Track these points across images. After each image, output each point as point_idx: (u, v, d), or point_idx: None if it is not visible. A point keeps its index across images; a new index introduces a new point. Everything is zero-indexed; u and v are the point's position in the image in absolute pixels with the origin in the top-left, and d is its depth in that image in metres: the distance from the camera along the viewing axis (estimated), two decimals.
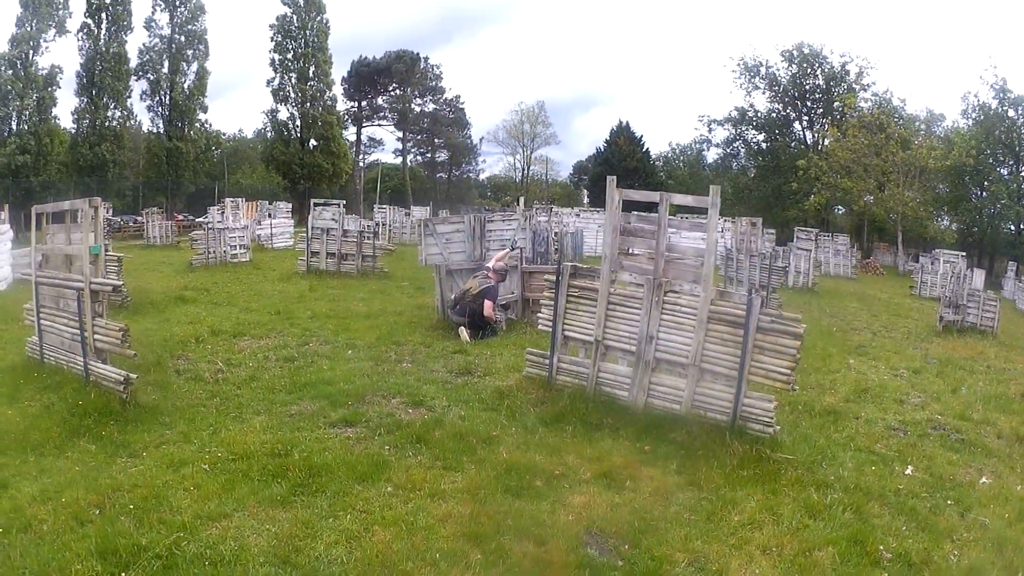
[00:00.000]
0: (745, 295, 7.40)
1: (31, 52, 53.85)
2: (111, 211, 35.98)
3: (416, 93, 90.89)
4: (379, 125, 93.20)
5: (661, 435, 7.09)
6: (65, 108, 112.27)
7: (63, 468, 6.18)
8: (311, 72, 68.96)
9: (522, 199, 27.01)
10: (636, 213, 7.73)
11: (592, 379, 8.11)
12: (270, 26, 68.30)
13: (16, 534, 5.00)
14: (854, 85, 65.82)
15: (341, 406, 8.04)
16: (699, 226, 8.97)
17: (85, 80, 57.71)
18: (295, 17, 67.91)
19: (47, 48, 55.18)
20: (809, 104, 70.83)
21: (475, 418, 7.66)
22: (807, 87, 69.57)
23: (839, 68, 67.21)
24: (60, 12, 55.12)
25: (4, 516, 5.25)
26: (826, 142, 65.02)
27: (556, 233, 23.82)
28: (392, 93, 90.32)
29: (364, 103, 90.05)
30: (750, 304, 7.06)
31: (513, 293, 13.98)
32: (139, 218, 45.45)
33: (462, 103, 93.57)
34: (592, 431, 7.28)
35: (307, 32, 68.30)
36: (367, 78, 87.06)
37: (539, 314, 8.87)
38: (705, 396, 7.35)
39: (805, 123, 72.68)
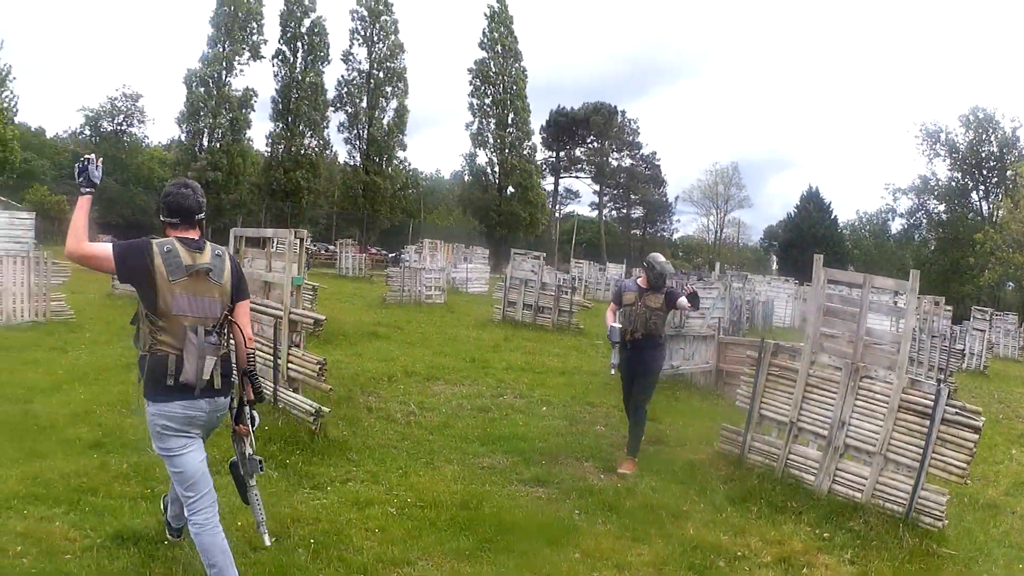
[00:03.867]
0: (934, 384, 7.44)
1: (224, 73, 58.77)
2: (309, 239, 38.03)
3: (613, 147, 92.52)
4: (576, 177, 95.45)
5: (840, 523, 7.14)
6: (259, 131, 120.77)
7: None
8: (510, 119, 71.17)
9: (718, 264, 26.40)
10: (836, 293, 7.79)
11: (782, 460, 8.28)
12: (468, 70, 71.11)
13: (188, 549, 5.09)
14: None
15: (534, 464, 8.11)
16: (895, 310, 9.39)
17: (280, 106, 62.25)
18: (492, 63, 70.52)
19: (241, 71, 60.09)
20: (985, 172, 67.47)
21: (666, 490, 7.66)
22: (983, 154, 66.26)
23: (1011, 134, 63.87)
24: (254, 37, 60.02)
25: None
26: (1000, 213, 61.54)
27: (748, 302, 23.47)
28: (590, 145, 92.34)
29: (562, 153, 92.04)
30: (938, 394, 7.13)
31: (708, 363, 13.98)
32: (331, 247, 47.84)
33: (658, 160, 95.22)
34: (776, 513, 7.29)
35: (505, 79, 70.65)
36: (565, 128, 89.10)
37: (739, 390, 8.99)
38: (885, 486, 7.44)
39: (982, 192, 69.29)
